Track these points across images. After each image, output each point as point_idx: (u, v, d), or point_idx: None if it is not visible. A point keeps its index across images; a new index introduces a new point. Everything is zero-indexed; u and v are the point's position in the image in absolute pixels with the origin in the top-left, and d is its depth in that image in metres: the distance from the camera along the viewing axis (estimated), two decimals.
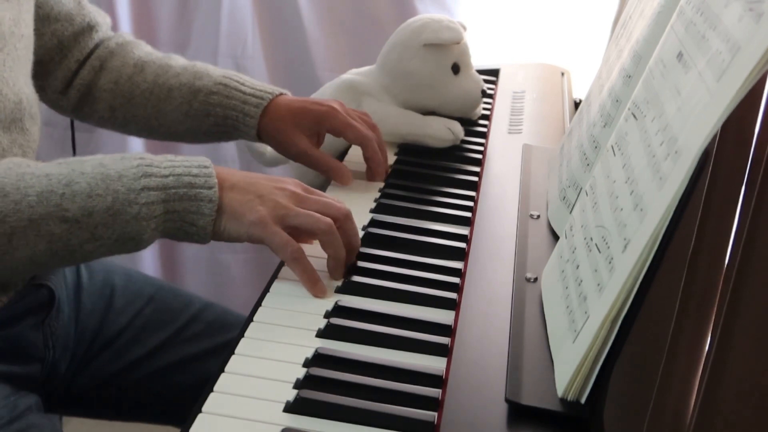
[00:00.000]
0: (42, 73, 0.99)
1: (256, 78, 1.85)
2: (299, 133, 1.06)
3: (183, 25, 1.90)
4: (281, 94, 1.10)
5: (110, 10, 1.84)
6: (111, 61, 1.13)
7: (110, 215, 0.80)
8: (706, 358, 0.62)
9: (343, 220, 0.86)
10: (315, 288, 0.83)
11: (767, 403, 0.59)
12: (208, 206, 0.82)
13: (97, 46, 1.14)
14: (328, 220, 0.85)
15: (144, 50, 1.15)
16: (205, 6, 1.87)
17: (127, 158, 0.83)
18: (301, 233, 0.86)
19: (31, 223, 0.78)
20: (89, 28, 1.13)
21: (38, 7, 1.04)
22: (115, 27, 1.83)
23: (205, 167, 0.84)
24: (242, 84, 1.10)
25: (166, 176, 0.82)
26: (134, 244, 0.82)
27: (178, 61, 1.14)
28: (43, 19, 1.06)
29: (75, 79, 1.13)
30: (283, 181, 0.88)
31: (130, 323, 1.09)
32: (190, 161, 0.84)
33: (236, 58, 1.88)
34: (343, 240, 0.86)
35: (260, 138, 1.10)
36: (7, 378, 0.93)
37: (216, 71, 1.11)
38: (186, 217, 0.82)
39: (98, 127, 1.18)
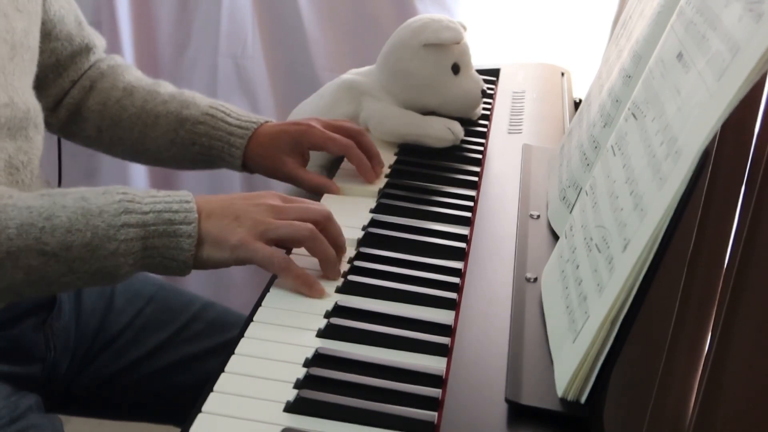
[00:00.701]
0: (36, 89, 1.00)
1: (256, 79, 1.88)
2: (283, 156, 1.07)
3: (183, 25, 1.90)
4: (266, 122, 1.10)
5: (110, 10, 1.84)
6: (101, 82, 1.14)
7: (88, 250, 0.80)
8: (706, 358, 0.63)
9: (324, 222, 0.86)
10: (312, 291, 0.83)
11: (767, 403, 0.59)
12: (187, 242, 0.82)
13: (90, 67, 1.15)
14: (308, 225, 0.85)
15: (134, 75, 1.16)
16: (205, 6, 1.87)
17: (109, 192, 0.83)
18: (285, 244, 0.86)
19: (9, 255, 0.78)
20: (87, 49, 1.14)
21: (42, 24, 1.04)
22: (115, 27, 1.85)
23: (186, 202, 0.84)
24: (228, 115, 1.10)
25: (147, 213, 0.81)
26: (111, 278, 0.82)
27: (166, 88, 1.14)
28: (44, 37, 1.06)
29: (65, 98, 1.13)
30: (260, 196, 0.87)
31: (130, 323, 1.09)
32: (171, 197, 0.84)
33: (236, 58, 1.88)
34: (329, 242, 0.86)
35: (246, 167, 1.10)
36: (8, 378, 0.93)
37: (203, 100, 1.12)
38: (165, 253, 0.82)
39: (85, 146, 1.18)
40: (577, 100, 1.35)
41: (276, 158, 1.07)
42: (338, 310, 0.80)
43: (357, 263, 0.88)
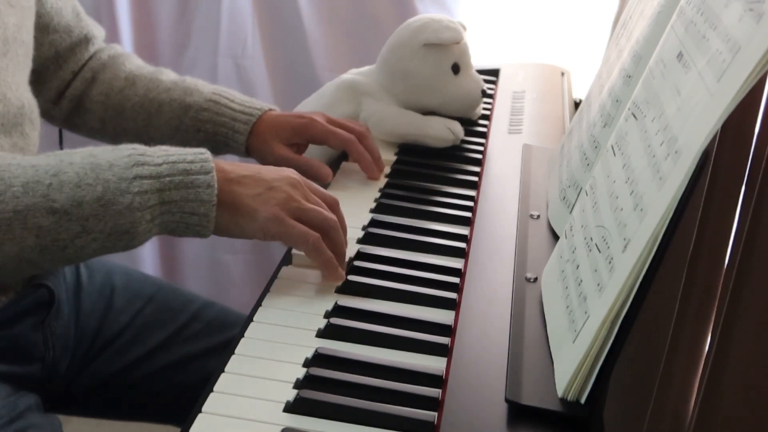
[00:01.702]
0: (37, 82, 1.00)
1: (256, 79, 1.88)
2: (278, 143, 1.08)
3: (183, 25, 1.90)
4: (270, 109, 1.11)
5: (110, 9, 1.84)
6: (103, 73, 1.14)
7: (101, 205, 0.77)
8: (706, 358, 0.62)
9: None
10: (336, 273, 0.84)
11: (767, 403, 0.59)
12: (207, 192, 0.80)
13: (90, 57, 1.15)
14: (334, 216, 0.86)
15: (135, 63, 1.16)
16: (205, 6, 1.87)
17: (119, 148, 0.81)
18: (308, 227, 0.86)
19: (16, 214, 0.76)
20: (86, 40, 1.14)
21: (39, 17, 1.04)
22: (115, 27, 1.85)
23: (201, 153, 0.83)
24: (232, 101, 1.11)
25: (160, 164, 0.80)
26: (129, 238, 0.79)
27: (168, 75, 1.14)
28: (42, 29, 1.06)
29: (67, 90, 1.13)
30: (284, 169, 0.88)
31: (130, 323, 1.09)
32: (185, 150, 0.83)
33: (236, 58, 1.88)
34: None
35: (248, 152, 1.10)
36: (7, 378, 0.93)
37: (206, 87, 1.12)
38: (185, 207, 0.80)
39: (89, 138, 1.18)
40: (577, 100, 1.35)
41: (271, 143, 1.08)
42: (338, 310, 0.80)
43: (357, 263, 0.88)
